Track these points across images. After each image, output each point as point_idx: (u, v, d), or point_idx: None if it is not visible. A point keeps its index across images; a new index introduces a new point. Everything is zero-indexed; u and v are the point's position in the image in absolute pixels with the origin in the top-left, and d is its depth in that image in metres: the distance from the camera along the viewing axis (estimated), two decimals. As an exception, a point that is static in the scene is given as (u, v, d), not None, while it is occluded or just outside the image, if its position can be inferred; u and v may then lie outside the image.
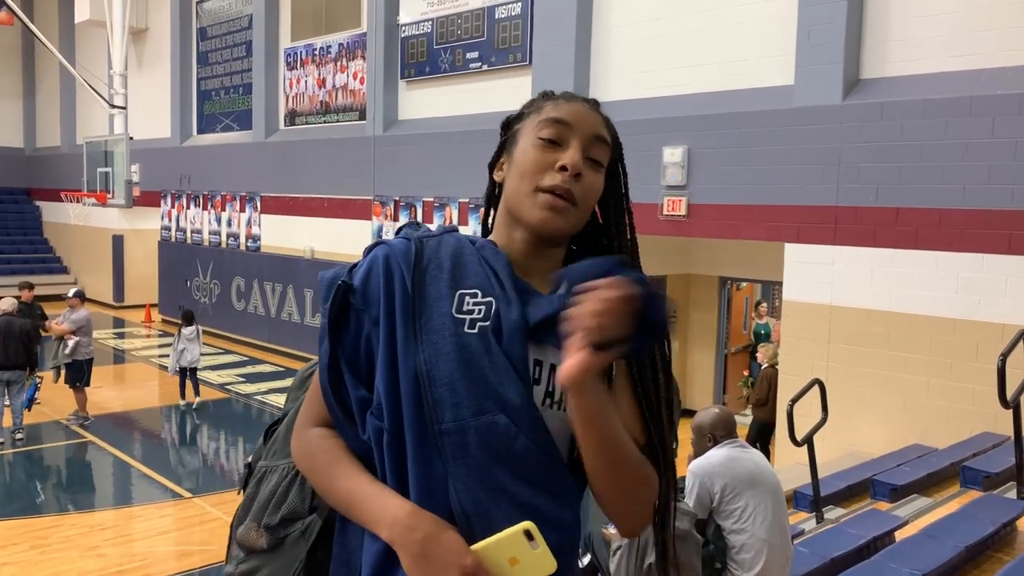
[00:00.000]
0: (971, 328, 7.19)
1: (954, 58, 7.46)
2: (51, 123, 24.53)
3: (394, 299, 1.31)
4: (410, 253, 1.34)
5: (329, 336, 1.33)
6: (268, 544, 1.43)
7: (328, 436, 1.35)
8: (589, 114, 1.39)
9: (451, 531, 1.22)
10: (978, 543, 4.63)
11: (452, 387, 1.25)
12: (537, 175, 1.33)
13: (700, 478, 3.81)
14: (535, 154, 1.35)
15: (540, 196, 1.32)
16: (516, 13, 11.38)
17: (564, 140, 1.35)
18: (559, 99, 1.40)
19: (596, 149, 1.37)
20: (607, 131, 1.40)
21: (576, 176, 1.32)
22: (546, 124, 1.36)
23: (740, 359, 12.34)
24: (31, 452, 10.04)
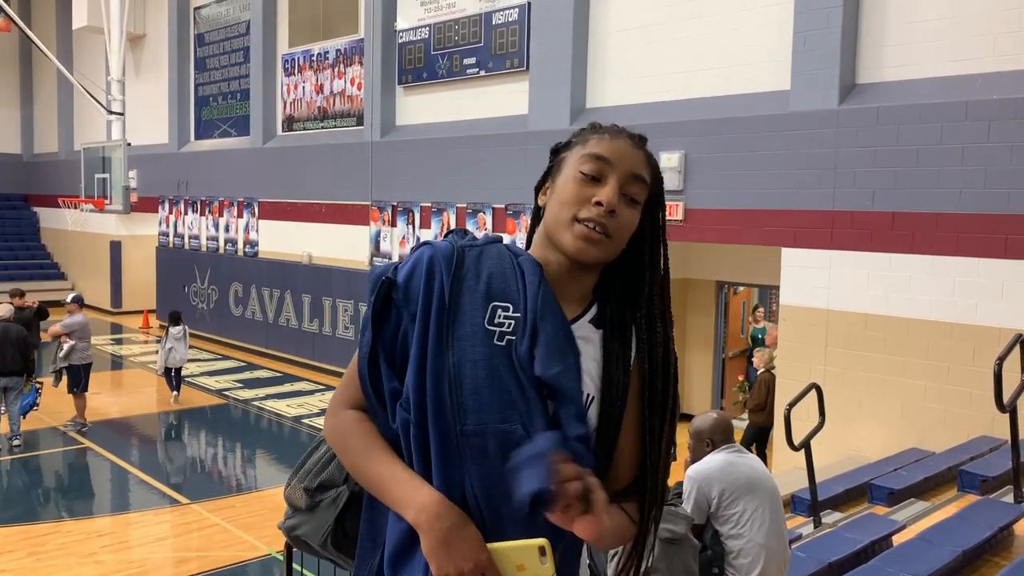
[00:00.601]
0: (968, 332, 7.21)
1: (950, 63, 7.49)
2: (49, 129, 24.53)
3: (431, 301, 1.39)
4: (452, 259, 1.42)
5: (372, 327, 1.43)
6: (306, 505, 1.58)
7: (362, 419, 1.46)
8: (631, 152, 1.46)
9: (473, 526, 1.33)
10: (975, 547, 4.63)
11: (477, 393, 1.35)
12: (575, 207, 1.42)
13: (698, 483, 3.81)
14: (575, 187, 1.43)
15: (576, 227, 1.41)
16: (513, 19, 11.41)
17: (603, 176, 1.43)
18: (605, 134, 1.48)
19: (633, 187, 1.44)
20: (647, 169, 1.47)
21: (611, 212, 1.40)
22: (588, 159, 1.44)
23: (737, 363, 12.35)
24: (28, 459, 10.02)
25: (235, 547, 7.37)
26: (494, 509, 1.35)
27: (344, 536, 1.54)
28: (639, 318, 1.47)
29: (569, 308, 1.44)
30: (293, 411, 12.25)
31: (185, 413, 12.26)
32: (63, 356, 10.74)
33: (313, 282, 14.76)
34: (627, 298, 1.49)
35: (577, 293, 1.47)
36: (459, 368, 1.35)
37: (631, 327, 1.47)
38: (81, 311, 11.19)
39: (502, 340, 1.37)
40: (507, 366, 1.35)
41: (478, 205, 11.43)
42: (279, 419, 11.99)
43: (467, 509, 1.35)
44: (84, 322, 11.04)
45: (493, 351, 1.36)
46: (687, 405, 11.23)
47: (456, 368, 1.35)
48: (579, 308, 1.46)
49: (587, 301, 1.48)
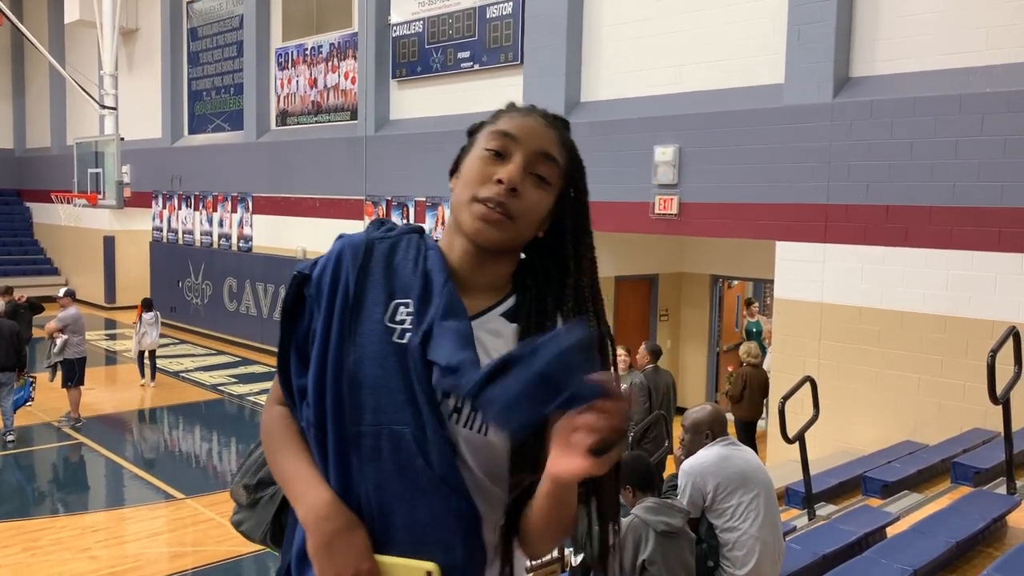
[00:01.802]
0: (961, 325, 7.23)
1: (943, 56, 7.50)
2: (41, 124, 24.42)
3: (336, 296, 1.34)
4: (359, 252, 1.37)
5: (282, 324, 1.40)
6: (247, 501, 1.55)
7: (286, 416, 1.41)
8: (540, 130, 1.37)
9: (361, 533, 1.27)
10: (968, 539, 4.65)
11: (375, 392, 1.28)
12: (476, 185, 1.33)
13: (693, 478, 3.83)
14: (478, 165, 1.34)
15: (475, 206, 1.32)
16: (507, 13, 11.39)
17: (508, 153, 1.34)
18: (515, 112, 1.40)
19: (542, 166, 1.35)
20: (559, 148, 1.38)
21: (512, 191, 1.31)
22: (494, 136, 1.36)
23: (732, 357, 12.37)
24: (22, 454, 10.00)
25: (230, 542, 7.36)
26: (385, 515, 1.28)
27: (282, 532, 1.49)
28: (565, 311, 1.36)
29: (478, 299, 1.35)
30: (288, 406, 12.22)
31: (180, 408, 12.24)
32: (57, 351, 10.72)
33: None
34: (551, 290, 1.38)
35: (487, 283, 1.37)
36: (359, 366, 1.29)
37: (555, 320, 1.35)
38: (74, 305, 11.17)
39: (402, 338, 1.30)
40: (404, 365, 1.28)
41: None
42: (274, 414, 11.96)
43: (361, 513, 1.28)
44: (77, 316, 11.02)
45: (391, 349, 1.29)
46: (681, 399, 11.25)
47: (356, 366, 1.29)
48: (491, 300, 1.37)
49: (502, 292, 1.38)
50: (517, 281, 1.40)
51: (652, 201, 9.46)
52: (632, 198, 9.70)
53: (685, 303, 12.13)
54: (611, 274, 11.01)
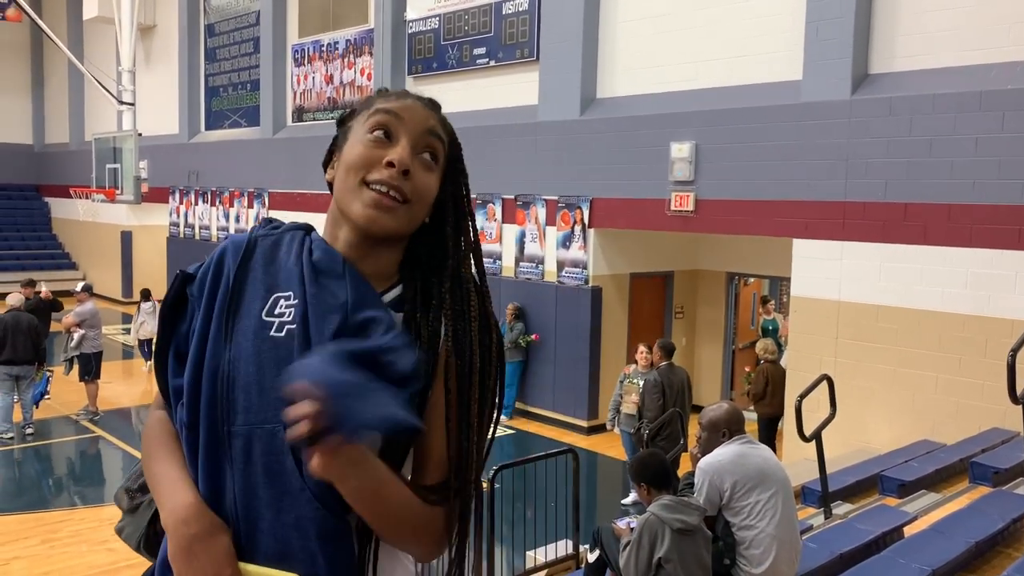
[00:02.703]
0: (980, 324, 7.17)
1: (964, 52, 7.43)
2: (60, 120, 24.61)
3: (216, 294, 1.30)
4: (241, 249, 1.33)
5: (160, 323, 1.37)
6: (127, 506, 1.50)
7: (163, 420, 1.37)
8: (421, 110, 1.33)
9: (224, 538, 1.21)
10: (987, 539, 4.62)
11: (247, 391, 1.23)
12: (363, 169, 1.27)
13: (710, 475, 3.82)
14: (362, 149, 1.29)
15: (366, 193, 1.26)
16: (523, 9, 11.37)
17: (394, 134, 1.29)
18: (391, 95, 1.35)
19: (428, 143, 1.31)
20: (441, 127, 1.34)
21: (405, 173, 1.26)
22: (375, 117, 1.30)
23: (748, 354, 12.32)
24: (41, 447, 10.09)
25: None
26: (252, 520, 1.22)
27: (156, 539, 1.41)
28: (443, 293, 1.31)
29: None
30: (303, 401, 12.28)
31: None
32: (74, 345, 10.81)
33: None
34: (434, 275, 1.33)
35: (373, 272, 1.31)
36: (234, 364, 1.24)
37: (441, 307, 1.30)
38: (91, 299, 11.26)
39: (281, 331, 1.24)
40: (280, 360, 1.21)
41: (488, 196, 11.41)
42: (289, 409, 12.02)
43: (228, 518, 1.23)
44: (94, 310, 11.10)
45: (268, 344, 1.24)
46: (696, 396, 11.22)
47: (231, 364, 1.24)
48: (376, 289, 1.31)
49: (390, 281, 1.33)
50: (403, 269, 1.35)
51: (668, 198, 9.43)
52: (648, 195, 9.68)
53: (701, 300, 12.09)
54: (626, 271, 10.98)
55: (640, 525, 3.69)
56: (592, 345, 10.58)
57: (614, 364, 10.68)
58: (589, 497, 8.25)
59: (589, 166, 10.31)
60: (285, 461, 1.21)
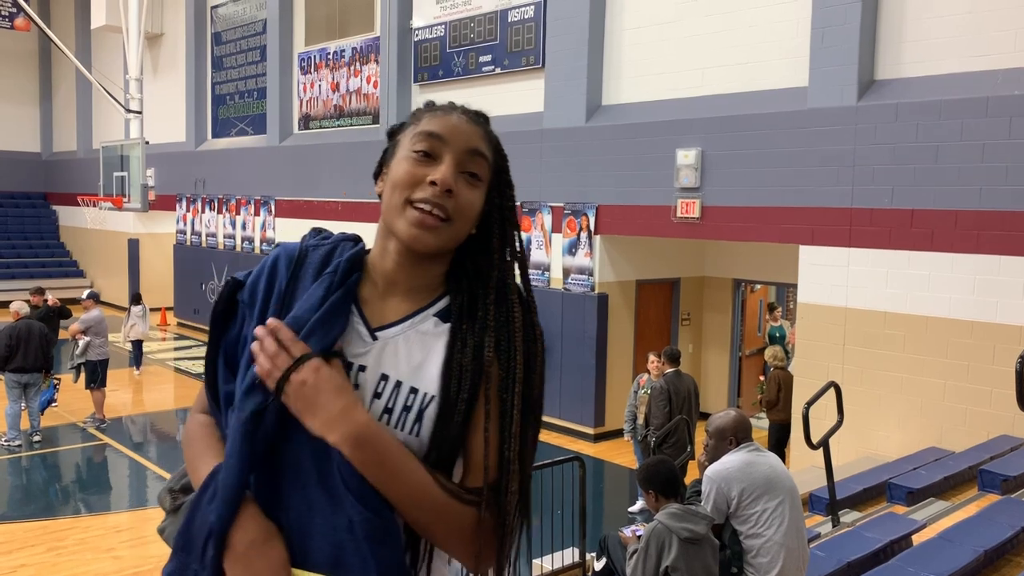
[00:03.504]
0: (988, 330, 7.14)
1: (970, 59, 7.42)
2: (68, 128, 24.73)
3: (269, 303, 1.33)
4: (293, 260, 1.37)
5: (211, 330, 1.39)
6: (170, 507, 1.50)
7: (206, 424, 1.39)
8: (466, 127, 1.35)
9: (279, 544, 1.23)
10: (996, 547, 4.59)
11: None
12: (408, 188, 1.30)
13: (717, 484, 3.80)
14: (407, 167, 1.31)
15: (410, 211, 1.29)
16: (529, 16, 11.39)
17: (438, 154, 1.31)
18: (437, 110, 1.37)
19: (472, 163, 1.33)
20: (486, 144, 1.37)
21: (448, 192, 1.29)
22: (420, 137, 1.33)
23: (754, 362, 12.30)
24: (48, 454, 10.12)
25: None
26: (304, 525, 1.25)
27: None
28: (488, 305, 1.32)
29: (411, 302, 1.34)
30: (309, 408, 12.28)
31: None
32: (79, 353, 10.84)
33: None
34: (480, 286, 1.35)
35: (421, 284, 1.35)
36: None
37: (486, 318, 1.32)
38: (97, 307, 11.29)
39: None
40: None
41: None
42: (295, 416, 12.02)
43: (281, 525, 1.25)
44: (101, 318, 11.13)
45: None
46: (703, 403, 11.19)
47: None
48: (423, 301, 1.34)
49: (435, 293, 1.36)
50: (450, 279, 1.38)
51: (674, 205, 9.43)
52: (654, 201, 9.67)
53: (707, 307, 12.07)
54: (632, 278, 10.98)
55: (647, 533, 3.67)
56: (598, 352, 10.57)
57: (620, 371, 10.66)
58: (596, 505, 8.23)
59: (595, 173, 10.32)
60: (335, 470, 1.24)
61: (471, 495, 1.27)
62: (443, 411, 1.28)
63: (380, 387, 1.28)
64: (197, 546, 1.24)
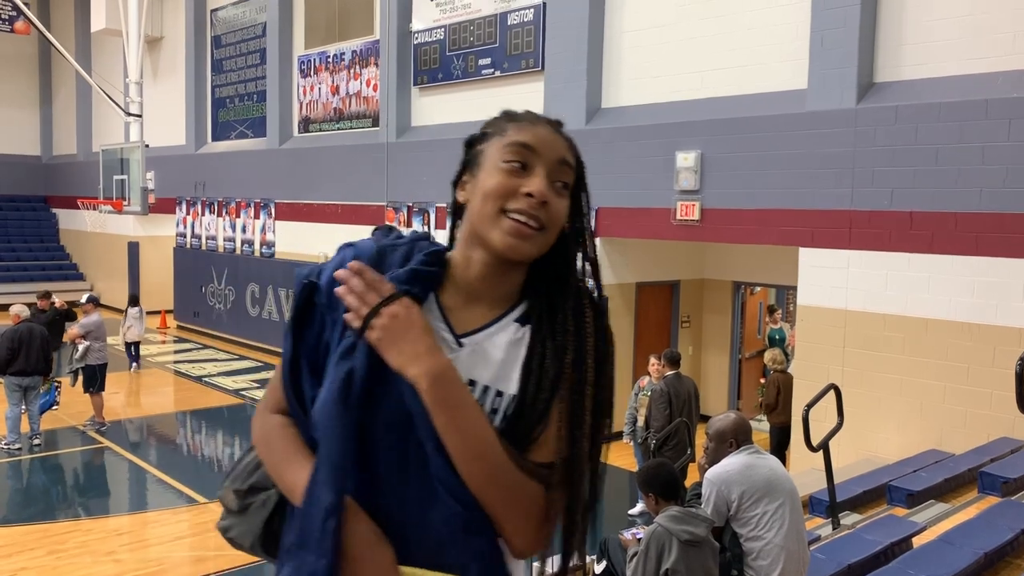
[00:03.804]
0: (988, 332, 7.14)
1: (969, 61, 7.43)
2: (68, 131, 24.75)
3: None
4: (373, 261, 1.37)
5: (292, 333, 1.38)
6: (237, 507, 1.50)
7: (287, 425, 1.40)
8: (554, 138, 1.39)
9: (386, 547, 1.26)
10: (997, 549, 4.59)
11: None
12: (502, 199, 1.33)
13: (717, 486, 3.80)
14: (501, 178, 1.34)
15: (506, 221, 1.32)
16: (528, 19, 11.40)
17: (529, 165, 1.35)
18: (523, 121, 1.40)
19: (562, 173, 1.37)
20: (571, 153, 1.41)
21: (543, 203, 1.32)
22: (511, 149, 1.35)
23: (754, 364, 12.30)
24: (48, 457, 10.11)
25: (253, 546, 7.39)
26: (406, 521, 1.28)
27: (273, 539, 1.45)
28: (565, 309, 1.37)
29: (493, 308, 1.37)
30: (309, 411, 12.28)
31: (203, 413, 12.33)
32: (79, 357, 10.83)
33: (329, 282, 14.78)
34: (557, 289, 1.39)
35: (504, 292, 1.39)
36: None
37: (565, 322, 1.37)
38: (97, 311, 11.29)
39: None
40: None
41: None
42: (296, 419, 12.03)
43: (380, 522, 1.28)
44: (100, 322, 11.13)
45: None
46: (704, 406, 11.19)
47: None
48: (504, 307, 1.38)
49: (514, 299, 1.40)
50: (527, 283, 1.41)
51: (674, 207, 9.43)
52: (654, 204, 9.68)
53: (707, 309, 12.07)
54: (632, 280, 10.98)
55: (647, 536, 3.67)
56: (598, 355, 10.55)
57: (620, 373, 10.62)
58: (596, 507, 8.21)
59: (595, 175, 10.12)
60: (430, 461, 1.27)
61: (541, 469, 1.30)
62: (519, 409, 1.31)
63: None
64: (314, 536, 1.26)
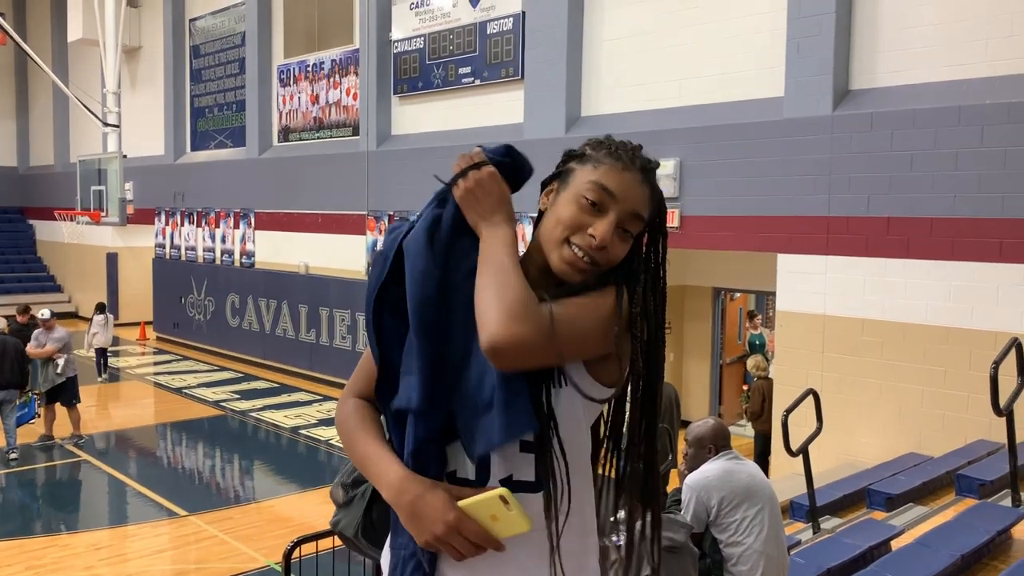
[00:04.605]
0: (964, 336, 7.22)
1: (943, 68, 7.52)
2: (44, 142, 24.53)
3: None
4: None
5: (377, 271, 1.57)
6: (343, 500, 1.66)
7: (361, 406, 1.53)
8: (637, 188, 1.46)
9: (438, 491, 1.39)
10: (974, 551, 4.63)
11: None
12: (570, 230, 1.44)
13: (696, 492, 3.81)
14: (574, 211, 1.44)
15: (566, 249, 1.43)
16: (508, 28, 11.44)
17: (604, 208, 1.43)
18: (619, 161, 1.47)
19: (631, 223, 1.45)
20: (648, 206, 1.48)
21: (602, 248, 1.42)
22: (594, 188, 1.44)
23: (735, 370, 12.35)
24: (25, 472, 9.99)
25: (233, 559, 7.34)
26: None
27: (372, 528, 1.61)
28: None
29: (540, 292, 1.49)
30: (291, 422, 12.23)
31: (183, 425, 12.23)
32: (59, 371, 10.60)
33: (310, 292, 14.75)
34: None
35: (548, 296, 1.46)
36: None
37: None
38: (57, 324, 11.08)
39: None
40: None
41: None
42: (277, 430, 11.97)
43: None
44: (69, 335, 11.03)
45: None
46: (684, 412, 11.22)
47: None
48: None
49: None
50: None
51: (653, 214, 9.46)
52: (633, 212, 9.71)
53: (687, 316, 12.12)
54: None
55: (628, 543, 3.67)
56: (580, 362, 10.57)
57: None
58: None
59: (574, 183, 10.32)
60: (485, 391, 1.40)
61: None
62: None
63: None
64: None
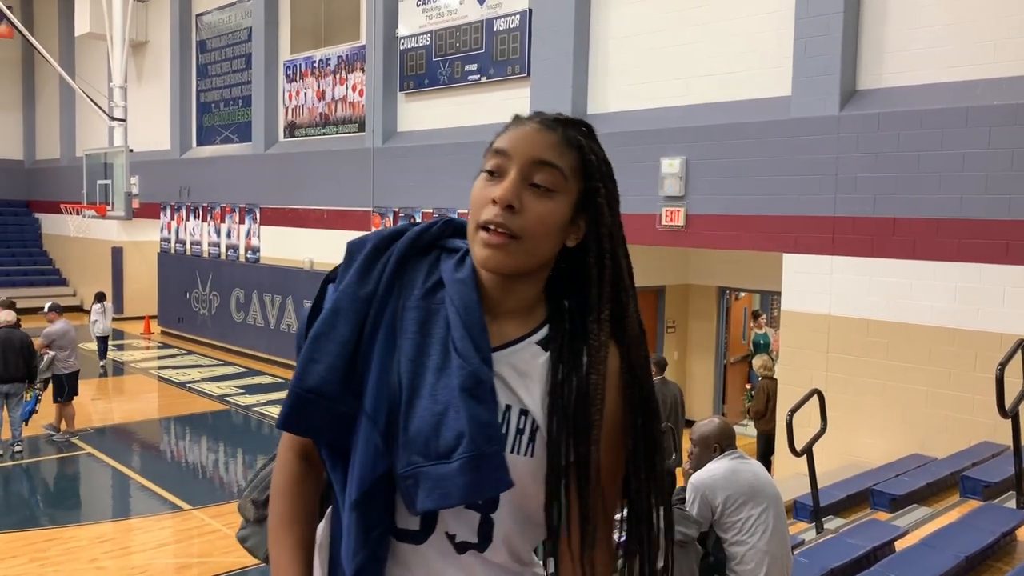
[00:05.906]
0: (969, 338, 7.21)
1: (950, 69, 7.50)
2: (51, 136, 24.58)
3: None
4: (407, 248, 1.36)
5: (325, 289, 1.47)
6: (254, 517, 1.52)
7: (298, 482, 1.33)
8: (534, 136, 1.24)
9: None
10: (978, 553, 4.62)
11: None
12: (478, 211, 1.23)
13: (701, 491, 3.81)
14: (477, 190, 1.25)
15: (480, 234, 1.22)
16: (514, 26, 11.43)
17: (504, 171, 1.23)
18: (512, 124, 1.29)
19: (539, 174, 1.22)
20: (556, 152, 1.24)
21: (510, 208, 1.20)
22: (489, 156, 1.26)
23: (739, 369, 12.35)
24: (30, 465, 10.03)
25: (236, 553, 7.36)
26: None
27: None
28: (590, 323, 1.26)
29: (513, 326, 1.28)
30: (295, 417, 12.22)
31: (187, 419, 12.25)
32: (43, 368, 10.50)
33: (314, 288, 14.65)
34: (579, 313, 1.29)
35: (516, 307, 1.28)
36: None
37: (580, 356, 1.26)
38: (62, 319, 11.02)
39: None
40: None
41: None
42: (281, 425, 11.96)
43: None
44: (65, 330, 10.81)
45: None
46: (689, 411, 11.22)
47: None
48: (526, 327, 1.28)
49: (539, 318, 1.30)
50: (550, 300, 1.31)
51: (659, 213, 9.47)
52: (639, 210, 9.71)
53: (692, 315, 12.12)
54: (618, 286, 10.99)
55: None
56: (584, 360, 10.57)
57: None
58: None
59: (580, 181, 10.32)
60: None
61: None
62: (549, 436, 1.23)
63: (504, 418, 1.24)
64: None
